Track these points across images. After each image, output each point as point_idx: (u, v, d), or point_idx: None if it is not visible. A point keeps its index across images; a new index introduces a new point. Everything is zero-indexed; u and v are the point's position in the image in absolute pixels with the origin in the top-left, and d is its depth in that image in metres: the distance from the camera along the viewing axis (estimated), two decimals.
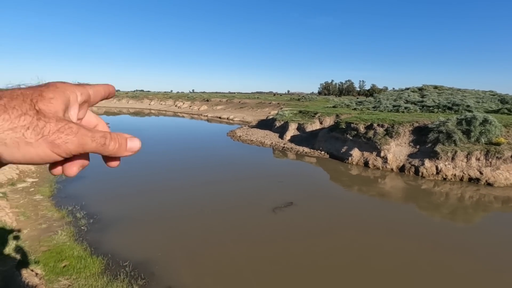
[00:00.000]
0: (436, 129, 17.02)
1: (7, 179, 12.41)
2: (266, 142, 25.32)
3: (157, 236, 8.84)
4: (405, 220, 10.61)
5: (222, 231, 9.30)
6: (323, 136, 23.09)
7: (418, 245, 8.57)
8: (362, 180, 15.74)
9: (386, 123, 19.13)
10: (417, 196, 13.18)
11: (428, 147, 16.74)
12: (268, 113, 46.03)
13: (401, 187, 14.49)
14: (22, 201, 10.75)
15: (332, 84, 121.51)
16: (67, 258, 7.17)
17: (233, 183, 14.26)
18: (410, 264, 7.58)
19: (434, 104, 25.98)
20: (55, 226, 8.97)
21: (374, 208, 11.93)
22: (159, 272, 6.98)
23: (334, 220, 10.39)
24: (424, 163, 15.99)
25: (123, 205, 11.05)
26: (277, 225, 9.79)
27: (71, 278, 6.45)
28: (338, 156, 20.03)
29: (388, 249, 8.36)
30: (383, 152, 17.71)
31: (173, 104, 73.50)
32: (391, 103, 28.88)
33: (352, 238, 8.96)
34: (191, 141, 27.31)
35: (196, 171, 16.28)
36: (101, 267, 7.02)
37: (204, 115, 54.84)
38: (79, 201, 11.02)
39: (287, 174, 16.73)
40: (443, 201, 12.66)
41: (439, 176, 15.28)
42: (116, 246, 8.03)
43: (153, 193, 12.60)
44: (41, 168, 15.38)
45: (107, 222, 9.50)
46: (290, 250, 8.17)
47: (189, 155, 20.76)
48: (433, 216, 11.19)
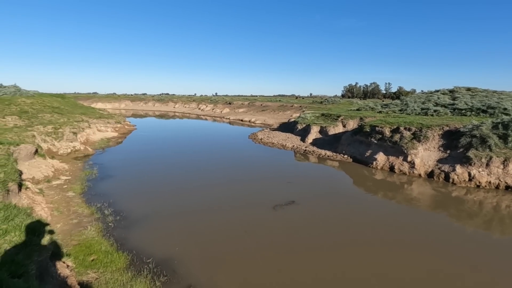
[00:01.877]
0: (469, 133, 16.06)
1: (43, 176, 13.28)
2: (287, 145, 25.16)
3: (179, 234, 9.04)
4: (433, 229, 10.07)
5: (244, 234, 9.33)
6: (346, 140, 22.57)
7: (446, 257, 8.10)
8: (387, 185, 15.16)
9: (413, 127, 18.35)
10: (447, 203, 12.47)
11: (460, 152, 15.83)
12: (290, 116, 45.78)
13: (429, 193, 13.79)
14: (56, 197, 11.45)
15: (356, 87, 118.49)
16: (95, 252, 7.52)
17: (253, 185, 14.28)
18: (434, 278, 7.17)
19: (467, 107, 24.53)
20: (85, 221, 9.46)
21: (400, 215, 11.44)
22: (180, 270, 7.12)
23: (362, 227, 10.09)
24: (455, 169, 15.13)
25: (148, 204, 11.43)
26: (301, 229, 9.67)
27: (98, 272, 6.76)
28: (362, 160, 19.48)
29: (411, 261, 7.98)
30: (410, 156, 16.98)
31: (196, 107, 75.22)
32: (419, 106, 27.65)
33: (377, 249, 8.65)
34: (213, 143, 27.75)
35: (217, 172, 16.50)
36: (126, 262, 7.29)
37: (226, 118, 55.60)
38: (107, 199, 11.55)
39: (307, 177, 16.50)
40: (476, 210, 11.88)
41: (472, 183, 14.38)
42: (140, 243, 8.32)
43: (176, 193, 12.93)
44: (74, 167, 16.32)
45: (133, 220, 9.87)
46: (321, 259, 8.03)
47: (210, 157, 21.10)
48: (465, 226, 10.53)
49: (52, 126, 21.14)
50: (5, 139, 14.00)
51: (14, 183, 7.88)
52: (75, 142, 20.57)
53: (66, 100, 37.27)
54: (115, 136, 28.83)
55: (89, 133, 25.60)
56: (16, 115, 22.55)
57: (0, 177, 7.58)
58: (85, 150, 20.42)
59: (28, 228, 5.06)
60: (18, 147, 12.42)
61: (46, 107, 28.04)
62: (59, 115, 26.16)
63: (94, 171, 15.58)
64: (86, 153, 20.02)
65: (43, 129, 20.10)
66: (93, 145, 23.32)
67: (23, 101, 27.26)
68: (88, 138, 24.59)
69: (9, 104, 25.17)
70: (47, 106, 28.32)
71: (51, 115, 25.36)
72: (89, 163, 17.48)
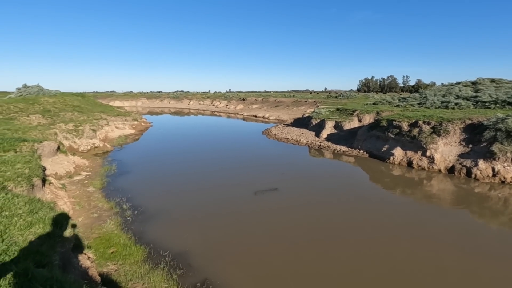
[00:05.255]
0: (493, 127, 15.33)
1: (65, 172, 13.81)
2: (301, 141, 24.95)
3: (194, 229, 9.18)
4: (455, 227, 9.73)
5: (257, 230, 9.37)
6: (362, 135, 22.10)
7: (470, 256, 7.81)
8: (405, 181, 14.76)
9: (433, 120, 17.71)
10: (470, 200, 11.99)
11: (483, 147, 15.15)
12: (304, 111, 45.29)
13: (450, 190, 13.31)
14: (77, 192, 11.90)
15: (373, 81, 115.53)
16: (115, 245, 7.78)
17: (268, 183, 14.28)
18: (456, 278, 6.93)
19: (491, 99, 23.39)
20: (105, 215, 9.78)
21: (420, 211, 11.12)
22: (196, 264, 7.25)
23: (381, 222, 9.90)
24: (478, 163, 14.51)
25: (164, 199, 11.67)
26: (317, 226, 9.61)
27: (117, 264, 6.98)
28: (378, 155, 19.04)
29: (429, 259, 7.75)
30: (429, 151, 16.43)
31: (210, 104, 75.83)
32: (439, 99, 26.64)
33: (395, 244, 8.47)
34: (228, 139, 27.92)
35: (232, 170, 16.59)
36: (144, 255, 7.49)
37: (240, 114, 55.73)
38: (125, 194, 11.89)
39: (323, 173, 16.32)
40: (501, 207, 11.36)
41: (496, 179, 13.75)
42: (157, 237, 8.52)
43: (191, 189, 13.13)
44: (93, 163, 16.89)
45: (150, 214, 10.12)
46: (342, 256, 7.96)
47: (225, 154, 21.23)
48: (489, 224, 10.11)
49: (73, 124, 21.92)
50: (30, 137, 14.66)
51: (38, 178, 8.23)
52: (95, 139, 21.25)
53: (86, 99, 38.51)
54: (132, 133, 29.55)
55: (107, 130, 26.38)
56: (39, 113, 23.53)
57: (25, 173, 7.94)
58: (104, 147, 21.06)
59: (51, 221, 5.27)
60: (42, 144, 12.96)
61: (67, 105, 29.09)
62: (79, 113, 27.10)
63: (113, 167, 16.05)
64: (105, 149, 20.65)
65: (65, 127, 20.88)
66: (112, 142, 24.02)
67: (46, 100, 28.39)
68: (106, 135, 25.35)
69: (33, 103, 26.29)
70: (68, 105, 29.38)
71: (72, 113, 26.29)
72: (108, 160, 18.03)
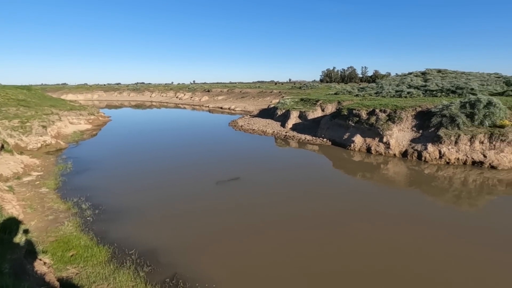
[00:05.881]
0: (439, 113, 16.84)
1: (12, 173, 12.57)
2: (268, 131, 25.27)
3: (161, 225, 8.97)
4: (408, 205, 10.64)
5: (224, 221, 9.40)
6: (325, 124, 22.97)
7: (420, 230, 8.62)
8: (365, 166, 15.72)
9: (388, 109, 18.95)
10: (420, 181, 13.16)
11: (431, 132, 16.61)
12: (270, 102, 45.75)
13: (404, 172, 14.47)
14: (28, 194, 10.91)
15: (334, 71, 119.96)
16: (74, 247, 7.32)
17: (234, 172, 14.31)
18: (406, 250, 7.64)
19: (438, 88, 25.61)
20: (62, 217, 9.12)
21: (377, 193, 11.95)
22: (164, 260, 7.10)
23: (342, 208, 10.45)
24: (427, 147, 15.90)
25: (127, 196, 11.18)
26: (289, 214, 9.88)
27: (78, 267, 6.59)
28: (340, 143, 19.98)
29: (384, 235, 8.42)
30: (385, 137, 17.62)
31: (174, 96, 73.28)
32: (393, 88, 28.53)
33: (356, 225, 9.03)
34: (193, 132, 27.32)
35: (196, 165, 16.32)
36: (108, 255, 7.16)
37: (206, 106, 54.69)
38: (84, 193, 11.17)
39: (288, 162, 16.76)
40: (446, 185, 12.63)
41: (442, 160, 15.21)
42: (121, 236, 8.17)
43: (155, 184, 12.71)
44: (46, 162, 15.55)
45: (112, 213, 9.64)
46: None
47: (190, 148, 20.77)
48: (436, 201, 11.19)
49: (19, 120, 19.88)
50: None
51: None
52: (45, 136, 19.51)
53: (33, 92, 35.02)
54: (89, 128, 27.63)
55: (60, 126, 24.34)
56: None
57: None
58: (57, 144, 19.46)
59: None
60: None
61: (11, 100, 26.23)
62: (25, 108, 24.58)
63: (69, 165, 14.93)
64: (58, 147, 19.09)
65: (9, 124, 18.86)
66: (66, 138, 22.25)
67: None
68: (59, 132, 23.40)
69: None
70: (12, 99, 26.50)
71: (16, 108, 23.77)
72: (63, 157, 16.72)
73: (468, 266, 6.86)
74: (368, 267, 6.81)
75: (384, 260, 7.08)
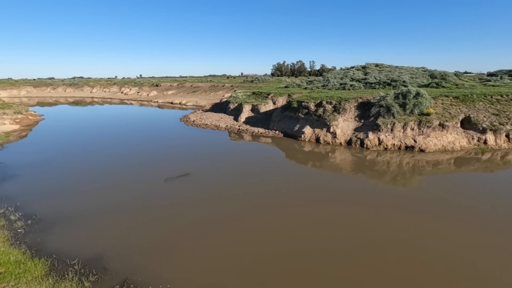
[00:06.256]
0: (377, 104, 18.45)
1: None
2: (221, 125, 25.04)
3: (104, 230, 8.34)
4: (355, 188, 11.52)
5: (172, 220, 9.13)
6: (277, 116, 23.56)
7: (362, 208, 9.42)
8: (315, 155, 16.56)
9: (334, 100, 20.15)
10: (363, 166, 14.34)
11: (371, 121, 18.14)
12: (222, 96, 45.30)
13: (349, 159, 15.60)
14: None
15: (284, 65, 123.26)
16: (3, 264, 6.43)
17: (179, 168, 13.94)
18: (353, 226, 8.32)
19: (376, 81, 27.96)
20: None
21: (327, 180, 12.71)
22: (112, 266, 6.64)
23: (299, 192, 10.85)
24: (368, 135, 17.35)
25: (64, 202, 10.16)
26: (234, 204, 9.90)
27: (9, 285, 5.82)
28: (291, 134, 20.71)
29: (334, 215, 9.04)
30: (332, 128, 18.74)
31: (118, 91, 68.15)
32: (338, 81, 30.36)
33: (308, 208, 9.50)
34: (141, 130, 25.78)
35: (142, 164, 15.50)
36: (45, 269, 6.44)
37: (155, 101, 51.95)
38: (12, 202, 9.85)
39: (242, 155, 16.86)
40: (385, 168, 13.97)
41: (381, 147, 16.76)
42: (61, 245, 7.41)
43: (97, 187, 11.76)
44: None
45: (49, 221, 8.68)
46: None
47: (136, 149, 19.59)
48: (377, 183, 12.31)
49: None
50: None
51: None
52: None
53: None
54: (16, 129, 24.31)
55: None
56: None
57: None
58: None
59: None
60: None
61: None
62: None
63: None
64: None
65: None
66: None
67: None
68: None
69: None
70: None
71: None
72: None
73: (398, 226, 7.73)
74: (309, 241, 7.23)
75: (325, 231, 7.59)
